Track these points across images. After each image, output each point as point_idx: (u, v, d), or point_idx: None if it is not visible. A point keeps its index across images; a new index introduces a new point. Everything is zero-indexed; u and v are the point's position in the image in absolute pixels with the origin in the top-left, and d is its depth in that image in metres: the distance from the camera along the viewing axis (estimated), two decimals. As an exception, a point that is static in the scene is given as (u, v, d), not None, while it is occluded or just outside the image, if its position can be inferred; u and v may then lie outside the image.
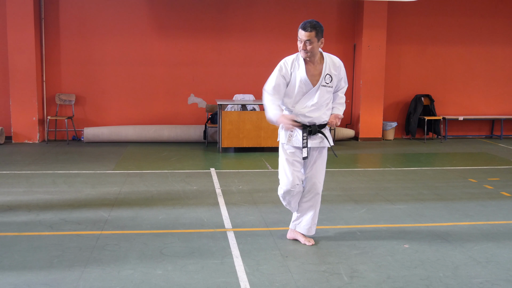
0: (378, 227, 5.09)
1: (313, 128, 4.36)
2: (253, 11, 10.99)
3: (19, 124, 10.34)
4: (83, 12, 10.60)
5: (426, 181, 7.17)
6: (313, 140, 4.40)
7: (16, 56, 10.15)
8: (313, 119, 4.36)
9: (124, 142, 10.48)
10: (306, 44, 4.21)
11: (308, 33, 4.17)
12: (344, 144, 10.74)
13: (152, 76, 10.80)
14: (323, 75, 4.33)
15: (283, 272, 3.93)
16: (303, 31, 4.19)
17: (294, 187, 4.40)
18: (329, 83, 4.36)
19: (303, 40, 4.21)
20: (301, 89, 4.34)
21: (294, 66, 4.36)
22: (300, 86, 4.33)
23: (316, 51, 4.28)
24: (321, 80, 4.32)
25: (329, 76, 4.36)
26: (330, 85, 4.38)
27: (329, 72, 4.36)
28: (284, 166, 4.43)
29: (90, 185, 6.68)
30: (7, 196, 6.06)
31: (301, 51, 4.27)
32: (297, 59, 4.38)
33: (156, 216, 5.33)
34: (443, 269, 4.03)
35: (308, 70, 4.33)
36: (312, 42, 4.20)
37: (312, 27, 4.17)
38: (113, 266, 3.99)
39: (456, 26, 11.54)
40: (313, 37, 4.18)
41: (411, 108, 11.43)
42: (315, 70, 4.34)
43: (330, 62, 4.39)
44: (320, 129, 4.39)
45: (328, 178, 7.31)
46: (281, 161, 4.47)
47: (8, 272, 3.85)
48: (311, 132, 4.36)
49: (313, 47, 4.23)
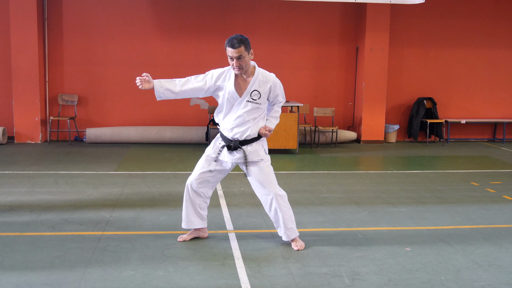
0: (379, 229, 5.09)
1: (234, 143, 4.32)
2: (255, 13, 11.00)
3: (22, 124, 10.35)
4: (86, 13, 10.62)
5: (428, 184, 7.16)
6: (234, 155, 4.36)
7: (19, 56, 10.17)
8: (236, 134, 4.33)
9: (126, 143, 10.50)
10: (239, 60, 4.16)
11: (237, 49, 4.12)
12: (346, 146, 10.74)
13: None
14: (248, 90, 4.28)
15: (284, 274, 3.92)
16: (231, 48, 4.12)
17: (192, 184, 4.44)
18: (256, 100, 4.29)
19: (234, 57, 4.15)
20: (229, 101, 4.32)
21: (224, 77, 4.33)
22: (228, 98, 4.31)
23: (248, 64, 4.25)
24: (245, 94, 4.28)
25: (257, 93, 4.28)
26: (258, 102, 4.30)
27: (257, 88, 4.29)
28: (199, 162, 4.49)
29: (92, 186, 6.69)
30: (9, 196, 6.06)
31: (235, 69, 4.22)
32: (228, 71, 4.35)
33: (157, 217, 5.33)
34: (444, 272, 4.02)
35: (237, 83, 4.30)
36: (243, 56, 4.16)
37: (239, 42, 4.12)
38: (115, 267, 3.99)
39: (459, 29, 11.54)
40: (243, 51, 4.14)
41: (413, 111, 11.42)
42: (244, 83, 4.31)
43: (261, 78, 4.31)
44: (244, 144, 4.33)
45: (330, 180, 7.32)
46: (202, 156, 4.53)
47: (10, 272, 3.85)
48: (230, 148, 4.34)
49: (245, 61, 4.20)
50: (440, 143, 11.41)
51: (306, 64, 11.31)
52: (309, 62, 11.32)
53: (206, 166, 4.45)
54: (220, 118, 4.45)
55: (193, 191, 4.50)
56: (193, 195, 4.51)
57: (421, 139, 11.76)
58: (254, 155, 4.35)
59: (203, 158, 4.50)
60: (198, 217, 4.58)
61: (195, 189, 4.48)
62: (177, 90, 4.31)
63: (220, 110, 4.44)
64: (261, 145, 4.42)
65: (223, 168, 4.47)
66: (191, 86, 4.33)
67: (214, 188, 4.62)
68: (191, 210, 4.55)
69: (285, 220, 4.43)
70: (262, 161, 4.39)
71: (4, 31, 10.32)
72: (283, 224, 4.44)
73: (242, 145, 4.33)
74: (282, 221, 4.43)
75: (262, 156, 4.39)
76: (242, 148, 4.33)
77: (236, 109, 4.32)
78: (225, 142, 4.38)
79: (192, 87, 4.33)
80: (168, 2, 10.74)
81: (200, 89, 4.34)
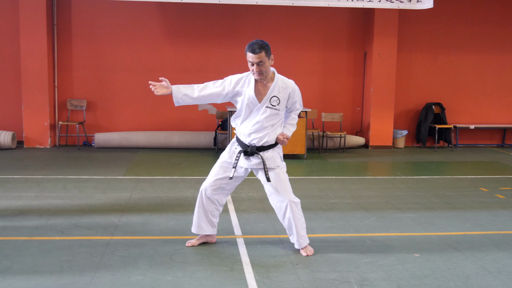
0: (388, 235, 5.07)
1: (251, 149, 4.33)
2: (263, 18, 11.02)
3: (31, 129, 10.41)
4: (94, 18, 10.68)
5: (436, 190, 7.14)
6: (251, 161, 4.36)
7: (29, 61, 10.23)
8: (253, 140, 4.33)
9: (135, 148, 10.53)
10: (259, 66, 4.18)
11: (258, 55, 4.13)
12: (354, 151, 10.72)
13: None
14: (268, 96, 4.29)
15: (292, 280, 3.92)
16: (252, 54, 4.14)
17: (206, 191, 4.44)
18: (275, 106, 4.30)
19: (254, 63, 4.16)
20: (248, 107, 4.33)
21: (243, 82, 4.34)
22: (247, 104, 4.31)
23: (268, 70, 4.27)
24: (265, 100, 4.29)
25: (276, 99, 4.30)
26: (277, 108, 4.31)
27: (277, 94, 4.30)
28: (214, 168, 4.49)
29: (100, 191, 6.71)
30: (19, 201, 6.09)
31: (255, 74, 4.23)
32: (247, 76, 4.36)
33: (166, 222, 5.34)
34: (454, 278, 4.00)
35: (257, 88, 4.31)
36: (264, 62, 4.18)
37: (260, 48, 4.13)
38: (123, 271, 4.00)
39: (467, 34, 11.51)
40: (263, 57, 4.16)
41: (421, 116, 11.39)
42: (264, 89, 4.32)
43: (281, 84, 4.33)
44: (261, 151, 4.34)
45: (338, 185, 7.30)
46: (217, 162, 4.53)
47: (19, 276, 3.86)
48: (247, 153, 4.34)
49: (266, 67, 4.21)
50: (449, 149, 11.37)
51: (314, 69, 11.31)
52: (317, 67, 11.32)
53: (221, 172, 4.44)
54: (237, 123, 4.46)
55: (207, 198, 4.50)
56: (206, 201, 4.51)
57: (429, 144, 11.72)
58: (271, 162, 4.35)
59: (218, 164, 4.49)
60: (209, 224, 4.58)
61: (209, 195, 4.48)
62: (196, 96, 4.32)
63: (238, 115, 4.44)
64: (278, 152, 4.43)
65: (238, 174, 4.46)
66: (209, 92, 4.34)
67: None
68: (203, 216, 4.55)
69: (298, 228, 4.42)
70: (278, 167, 4.39)
71: (14, 37, 10.39)
72: (296, 231, 4.43)
73: (259, 151, 4.33)
74: (295, 228, 4.42)
75: (278, 163, 4.39)
76: (259, 154, 4.33)
77: (255, 115, 4.32)
78: (241, 147, 4.38)
79: (210, 93, 4.34)
80: (177, 7, 10.79)
81: (219, 94, 4.35)
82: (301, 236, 4.45)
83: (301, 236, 4.45)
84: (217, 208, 4.57)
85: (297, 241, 4.46)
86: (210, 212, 4.54)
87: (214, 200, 4.51)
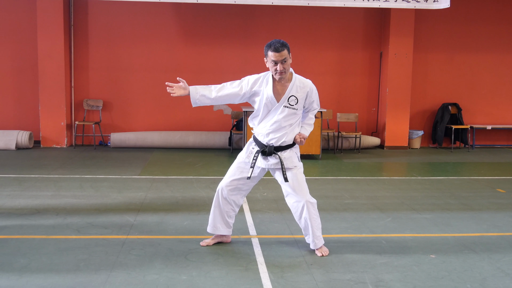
0: (403, 236, 5.04)
1: (269, 148, 4.32)
2: (278, 19, 11.02)
3: (48, 128, 10.51)
4: (111, 19, 10.76)
5: (453, 191, 7.08)
6: (268, 161, 4.35)
7: (46, 62, 10.33)
8: (271, 140, 4.32)
9: (150, 147, 10.58)
10: (283, 64, 4.19)
11: (281, 53, 4.16)
12: (369, 152, 10.67)
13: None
14: (286, 95, 4.28)
15: (307, 280, 3.91)
16: (276, 53, 4.14)
17: (223, 191, 4.45)
18: (293, 105, 4.29)
19: (278, 61, 4.17)
20: (266, 106, 4.32)
21: (261, 82, 4.35)
22: (266, 103, 4.31)
23: (289, 69, 4.28)
24: (283, 99, 4.28)
25: (294, 98, 4.29)
26: (295, 107, 4.30)
27: (295, 94, 4.30)
28: (231, 168, 4.50)
29: (116, 190, 6.75)
30: (36, 200, 6.15)
31: (277, 74, 4.23)
32: (265, 76, 4.36)
33: (181, 222, 5.36)
34: (470, 280, 3.97)
35: (275, 88, 4.31)
36: (286, 60, 4.20)
37: (283, 45, 4.16)
38: (139, 270, 4.02)
39: (485, 34, 11.40)
40: (286, 55, 4.18)
41: (438, 116, 11.31)
42: (282, 89, 4.32)
43: (298, 83, 4.32)
44: (279, 151, 4.33)
45: (353, 186, 7.28)
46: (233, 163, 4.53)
47: (36, 274, 3.90)
48: (265, 153, 4.33)
49: (288, 65, 4.24)
50: (465, 149, 11.27)
51: (330, 70, 11.28)
52: (332, 67, 11.29)
53: (237, 173, 4.44)
54: (255, 123, 4.46)
55: (223, 198, 4.50)
56: (222, 202, 4.52)
57: (445, 145, 11.63)
58: (288, 162, 4.34)
59: (235, 165, 4.49)
60: (224, 224, 4.59)
61: (226, 196, 4.49)
62: (213, 96, 4.33)
63: (256, 115, 4.44)
64: (295, 152, 4.42)
65: (255, 175, 4.45)
66: (227, 92, 4.35)
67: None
68: (218, 217, 4.56)
69: (314, 228, 4.41)
70: (295, 168, 4.38)
71: (32, 38, 10.50)
72: (311, 232, 4.41)
73: (277, 151, 4.33)
74: (311, 229, 4.40)
75: (295, 163, 4.38)
76: (277, 154, 4.33)
77: (273, 115, 4.32)
78: (259, 147, 4.38)
79: (228, 93, 4.35)
80: (192, 8, 10.82)
81: (236, 95, 4.36)
82: (317, 236, 4.44)
83: (316, 237, 4.44)
84: (233, 209, 4.57)
85: (313, 241, 4.45)
86: (226, 212, 4.55)
87: (230, 201, 4.51)
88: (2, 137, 10.06)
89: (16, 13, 10.56)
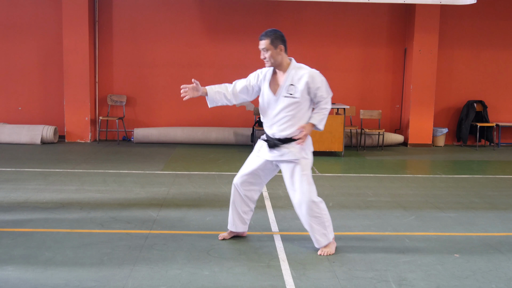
0: (427, 235, 4.99)
1: (271, 139, 4.29)
2: (302, 15, 10.97)
3: (72, 123, 10.63)
4: (135, 15, 10.83)
5: (478, 189, 6.98)
6: (273, 153, 4.30)
7: (71, 57, 10.45)
8: (274, 131, 4.29)
9: (173, 143, 10.64)
10: (264, 53, 4.23)
11: (263, 41, 4.20)
12: (392, 149, 10.58)
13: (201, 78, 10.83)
14: (283, 85, 4.24)
15: (330, 277, 3.89)
16: (259, 41, 4.23)
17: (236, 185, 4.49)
18: (292, 94, 4.20)
19: (260, 49, 4.24)
20: (263, 97, 4.34)
21: (264, 75, 4.38)
22: (263, 95, 4.35)
23: (277, 59, 4.23)
24: (280, 90, 4.24)
25: (293, 87, 4.21)
26: (295, 96, 4.19)
27: (292, 82, 4.23)
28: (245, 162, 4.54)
29: (139, 185, 6.80)
30: (60, 194, 6.23)
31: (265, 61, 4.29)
32: (268, 70, 4.39)
33: (203, 217, 5.38)
34: (495, 280, 3.91)
35: (273, 80, 4.32)
36: (267, 49, 4.20)
37: (265, 35, 4.22)
38: (161, 265, 4.05)
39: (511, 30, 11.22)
40: (268, 45, 4.19)
41: (462, 114, 11.16)
42: (280, 79, 4.30)
43: (294, 71, 4.24)
44: (284, 142, 4.25)
45: (376, 183, 7.22)
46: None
47: (61, 268, 3.95)
48: (269, 145, 4.30)
49: (271, 55, 4.21)
50: (491, 148, 11.11)
51: (353, 66, 11.21)
52: (356, 64, 11.21)
53: (248, 166, 4.47)
54: (262, 115, 4.47)
55: (237, 192, 4.53)
56: (237, 197, 4.54)
57: (470, 143, 11.47)
58: (289, 154, 4.25)
59: (248, 158, 4.54)
60: (240, 221, 4.62)
61: (239, 190, 4.51)
62: (229, 94, 4.40)
63: (260, 107, 4.46)
64: (300, 145, 4.25)
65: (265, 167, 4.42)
66: (239, 87, 4.42)
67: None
68: (236, 214, 4.59)
69: (319, 227, 4.33)
70: (298, 161, 4.25)
71: (57, 33, 10.63)
72: (312, 232, 4.36)
73: (283, 143, 4.28)
74: (312, 229, 4.34)
75: (297, 156, 4.24)
76: (279, 146, 4.27)
77: (274, 106, 4.30)
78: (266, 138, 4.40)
79: (240, 88, 4.42)
80: (215, 4, 10.84)
81: (246, 88, 4.42)
82: (322, 234, 4.34)
83: (322, 234, 4.34)
84: (248, 205, 4.57)
85: (317, 240, 4.37)
86: (241, 209, 4.58)
87: (244, 197, 4.52)
88: (28, 132, 10.21)
89: (41, 9, 10.69)
